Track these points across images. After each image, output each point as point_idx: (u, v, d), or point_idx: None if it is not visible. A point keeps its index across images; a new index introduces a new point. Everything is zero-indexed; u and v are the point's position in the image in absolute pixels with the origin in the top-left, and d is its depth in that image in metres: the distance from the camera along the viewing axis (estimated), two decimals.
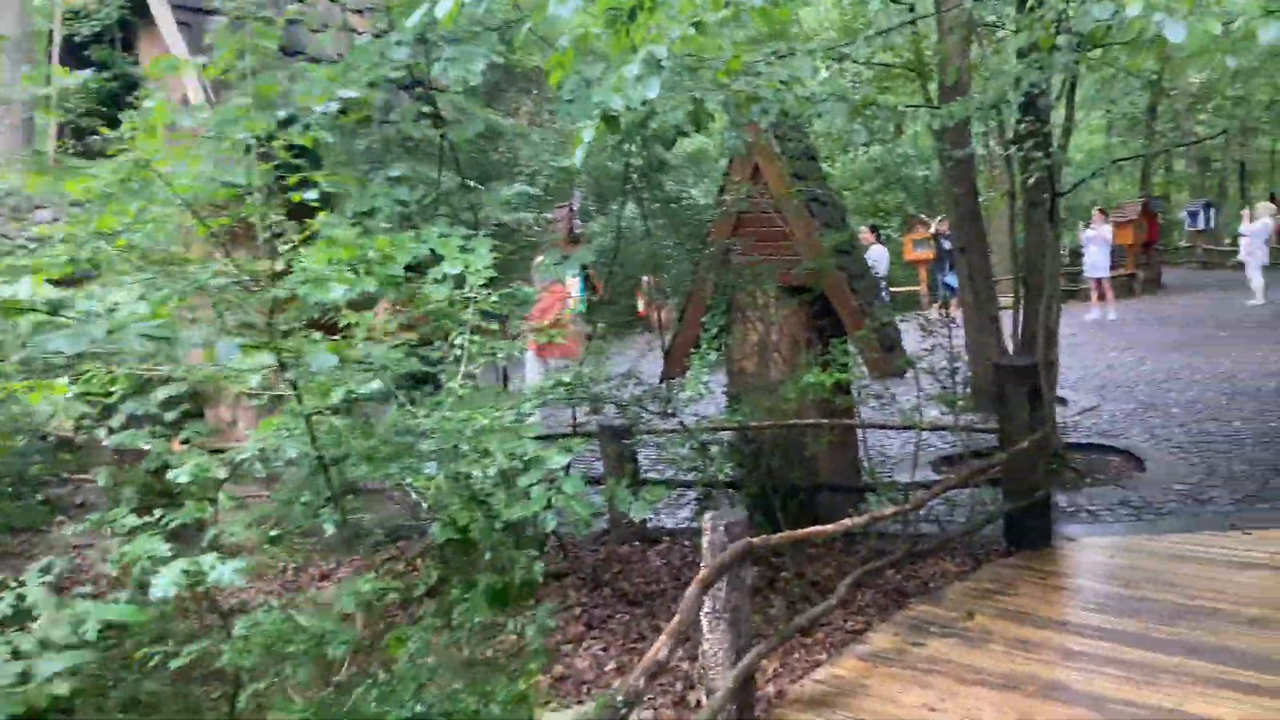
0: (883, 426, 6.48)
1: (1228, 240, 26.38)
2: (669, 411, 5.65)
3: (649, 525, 6.77)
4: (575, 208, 10.34)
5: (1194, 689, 3.84)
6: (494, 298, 3.75)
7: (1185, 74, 25.58)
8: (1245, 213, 19.68)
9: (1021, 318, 8.26)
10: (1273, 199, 20.41)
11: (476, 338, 3.83)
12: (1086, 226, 18.01)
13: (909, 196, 23.65)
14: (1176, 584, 4.95)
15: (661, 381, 6.58)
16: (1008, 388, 5.76)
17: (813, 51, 4.75)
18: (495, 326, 4.84)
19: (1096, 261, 17.15)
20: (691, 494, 6.47)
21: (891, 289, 23.35)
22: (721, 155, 6.64)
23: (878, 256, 13.18)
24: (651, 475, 6.52)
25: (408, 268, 3.26)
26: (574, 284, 9.41)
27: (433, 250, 3.39)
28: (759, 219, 6.49)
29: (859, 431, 6.56)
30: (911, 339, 6.53)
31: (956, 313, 10.74)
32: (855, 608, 4.90)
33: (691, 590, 3.40)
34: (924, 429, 6.03)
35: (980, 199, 9.29)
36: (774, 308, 6.49)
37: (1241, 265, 18.53)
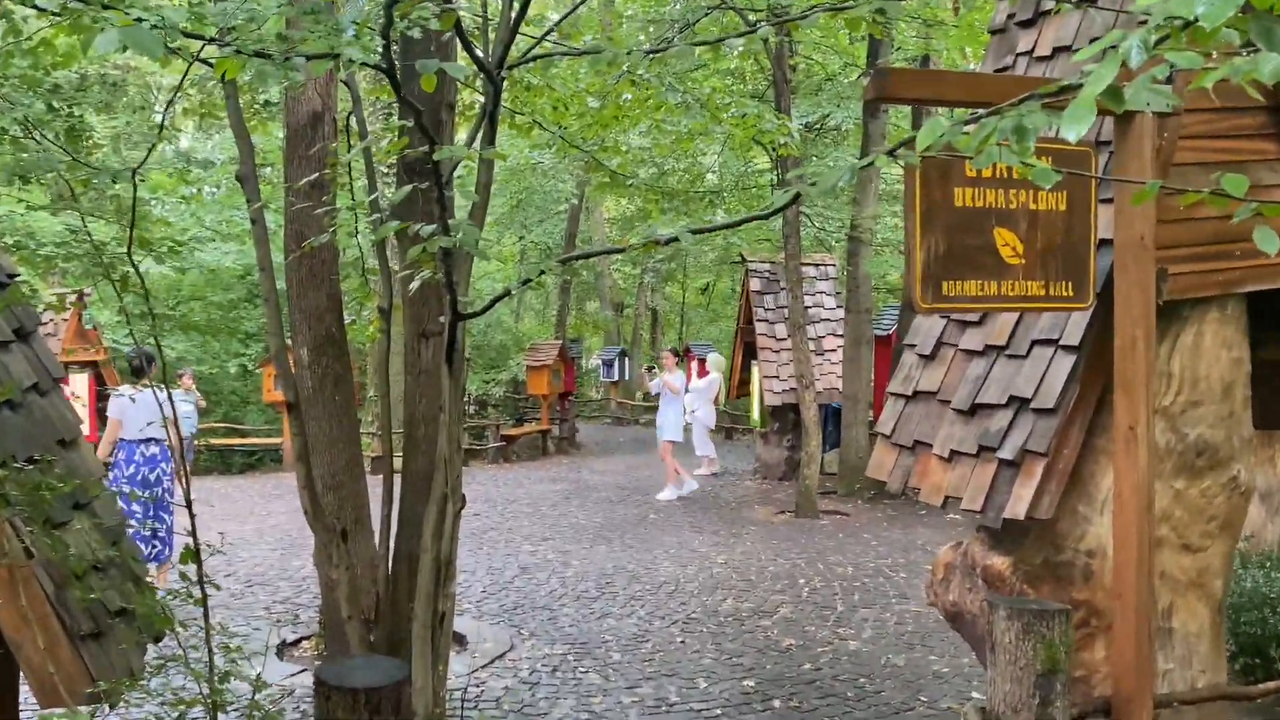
0: None
1: (640, 395, 24.56)
2: None
3: None
4: None
5: None
6: None
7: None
8: (694, 366, 17.70)
9: (394, 524, 4.69)
10: (688, 351, 19.55)
11: None
12: (650, 373, 14.69)
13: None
14: None
15: None
16: None
17: None
18: None
19: (668, 420, 13.31)
20: None
21: (248, 438, 17.83)
22: None
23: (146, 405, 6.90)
24: None
25: None
26: None
27: None
28: None
29: None
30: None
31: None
32: None
33: None
34: None
35: (350, 318, 5.80)
36: None
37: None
